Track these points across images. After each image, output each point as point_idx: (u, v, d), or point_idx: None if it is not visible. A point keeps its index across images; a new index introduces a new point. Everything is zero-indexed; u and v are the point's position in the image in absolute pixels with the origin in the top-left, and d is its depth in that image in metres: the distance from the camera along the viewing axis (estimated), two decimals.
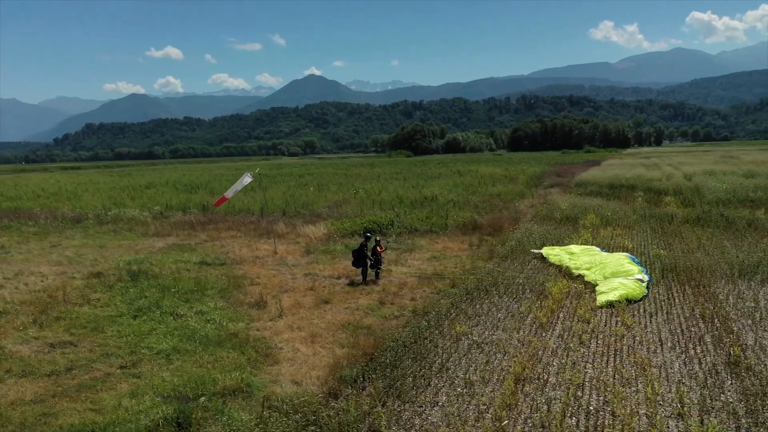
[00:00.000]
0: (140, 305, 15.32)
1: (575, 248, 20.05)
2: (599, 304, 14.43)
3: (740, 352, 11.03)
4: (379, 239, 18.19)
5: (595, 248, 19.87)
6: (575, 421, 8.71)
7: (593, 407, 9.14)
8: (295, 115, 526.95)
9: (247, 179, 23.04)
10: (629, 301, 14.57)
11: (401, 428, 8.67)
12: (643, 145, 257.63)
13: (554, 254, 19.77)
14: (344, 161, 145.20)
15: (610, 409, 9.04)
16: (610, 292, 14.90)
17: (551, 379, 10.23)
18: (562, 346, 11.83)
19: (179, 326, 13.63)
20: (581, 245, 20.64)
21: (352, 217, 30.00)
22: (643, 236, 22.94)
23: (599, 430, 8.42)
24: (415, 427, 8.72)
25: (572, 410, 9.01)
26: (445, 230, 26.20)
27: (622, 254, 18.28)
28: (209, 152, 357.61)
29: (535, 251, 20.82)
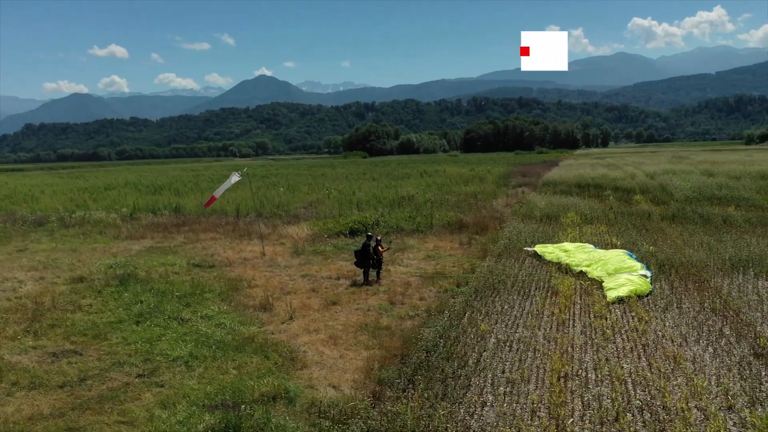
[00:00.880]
0: (139, 310, 14.58)
1: (569, 246, 20.25)
2: (610, 300, 14.55)
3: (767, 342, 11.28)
4: (379, 239, 17.90)
5: (588, 245, 20.12)
6: (630, 416, 8.68)
7: (641, 402, 9.13)
8: (245, 115, 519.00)
9: (235, 178, 22.38)
10: (638, 296, 14.75)
11: (459, 429, 8.44)
12: (590, 146, 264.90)
13: (549, 252, 19.91)
14: (300, 162, 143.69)
15: (659, 403, 9.04)
16: (618, 288, 15.05)
17: (590, 375, 10.20)
18: (588, 342, 11.84)
19: (189, 331, 13.02)
20: (574, 243, 20.86)
21: (334, 217, 29.56)
22: (628, 234, 23.37)
23: (658, 425, 8.40)
24: (472, 428, 8.51)
25: (623, 406, 8.98)
26: (430, 229, 26.11)
27: (619, 251, 18.55)
28: (157, 153, 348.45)
29: (528, 249, 20.93)
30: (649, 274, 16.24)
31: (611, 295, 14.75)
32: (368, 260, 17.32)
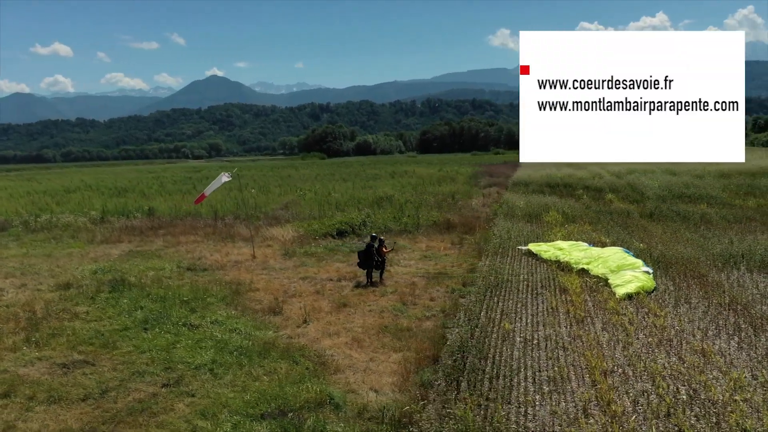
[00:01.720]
0: (143, 317, 13.95)
1: (563, 244, 20.48)
2: (619, 296, 14.74)
3: None
4: (383, 239, 17.70)
5: (582, 243, 20.39)
6: (681, 410, 8.75)
7: (686, 396, 9.22)
8: (197, 116, 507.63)
9: (225, 178, 21.78)
10: (646, 293, 15.00)
11: (520, 429, 8.34)
12: None
13: (544, 250, 20.09)
14: (258, 164, 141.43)
15: (704, 397, 9.16)
16: (625, 284, 15.27)
17: (628, 371, 10.26)
18: (613, 338, 11.94)
19: (203, 338, 12.52)
20: (568, 241, 21.12)
21: (317, 218, 29.14)
22: (616, 232, 23.82)
23: (713, 418, 8.49)
24: (529, 428, 8.42)
25: (672, 401, 9.05)
26: (418, 229, 26.03)
27: (616, 248, 18.85)
28: (106, 155, 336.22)
29: (522, 248, 21.09)
30: (650, 270, 16.55)
31: (620, 291, 14.95)
32: (371, 261, 17.11)
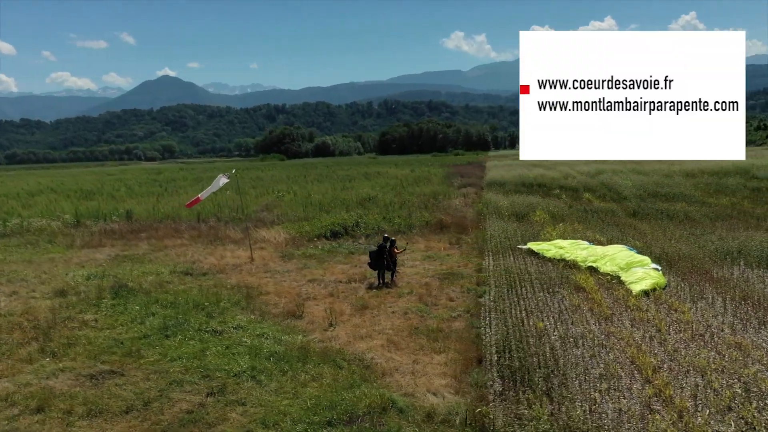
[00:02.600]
0: (160, 324, 13.39)
1: (563, 242, 20.70)
2: (636, 293, 14.94)
3: None
4: (394, 240, 17.51)
5: (583, 242, 20.63)
6: (740, 404, 8.88)
7: (741, 390, 9.37)
8: (149, 117, 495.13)
9: (223, 180, 21.19)
10: (661, 289, 15.26)
11: (591, 429, 8.31)
12: (499, 148, 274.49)
13: (546, 249, 20.26)
14: (216, 165, 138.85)
15: (758, 390, 9.32)
16: (639, 281, 15.51)
17: (674, 366, 10.38)
18: (647, 335, 12.07)
19: (231, 344, 12.10)
20: (568, 240, 21.35)
21: (305, 219, 28.71)
22: (609, 230, 24.18)
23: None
24: (603, 426, 8.39)
25: (729, 394, 9.18)
26: (411, 230, 25.93)
27: (620, 246, 19.15)
28: (53, 157, 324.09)
29: (522, 247, 21.23)
30: (659, 267, 16.86)
31: (636, 288, 15.16)
32: (383, 262, 16.93)
